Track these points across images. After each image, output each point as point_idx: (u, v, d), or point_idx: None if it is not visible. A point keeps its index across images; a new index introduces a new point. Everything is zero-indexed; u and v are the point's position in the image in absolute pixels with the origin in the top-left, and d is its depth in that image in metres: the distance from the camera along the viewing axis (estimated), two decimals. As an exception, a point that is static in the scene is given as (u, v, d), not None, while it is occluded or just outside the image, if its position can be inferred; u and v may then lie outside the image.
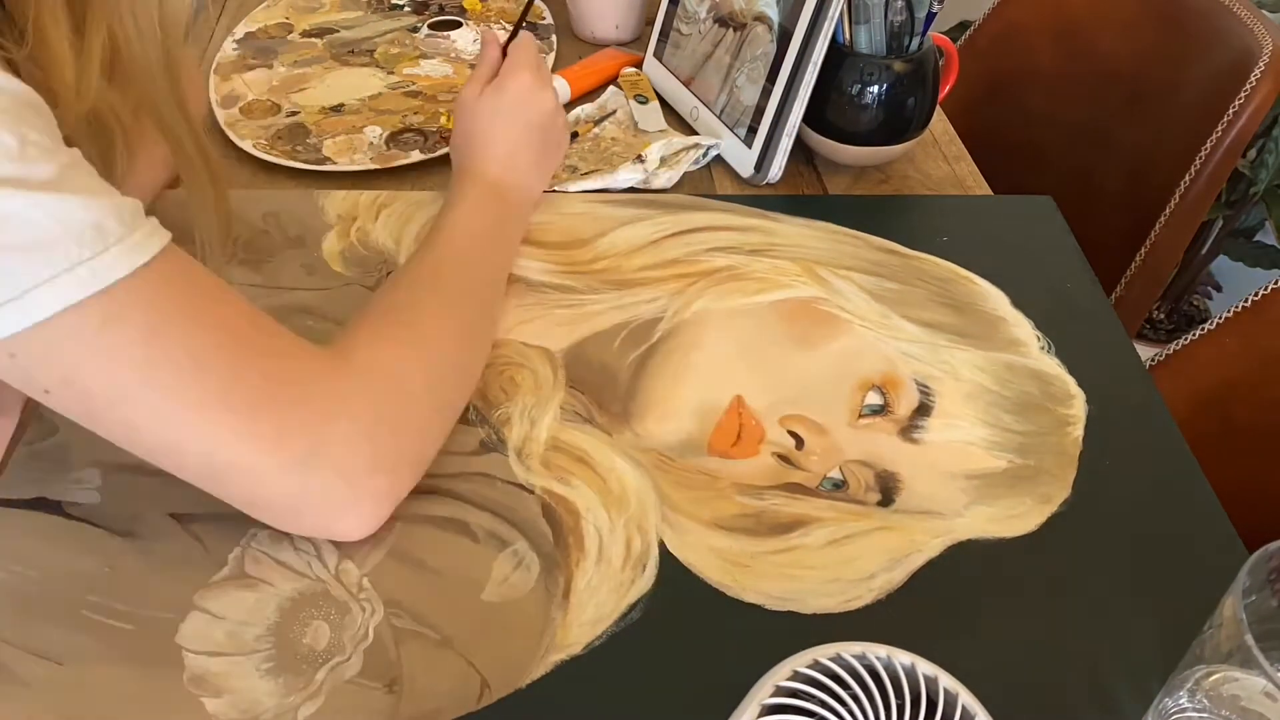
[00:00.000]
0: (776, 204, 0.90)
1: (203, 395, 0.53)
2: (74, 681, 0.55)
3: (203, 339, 0.54)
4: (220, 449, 0.55)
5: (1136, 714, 0.55)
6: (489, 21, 1.15)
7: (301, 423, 0.56)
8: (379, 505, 0.61)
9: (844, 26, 0.90)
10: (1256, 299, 0.90)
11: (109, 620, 0.58)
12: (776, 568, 0.62)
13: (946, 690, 0.45)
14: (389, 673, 0.56)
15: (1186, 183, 1.12)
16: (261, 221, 0.84)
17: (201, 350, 0.53)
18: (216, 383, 0.54)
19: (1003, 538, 0.64)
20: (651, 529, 0.64)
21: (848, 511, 0.65)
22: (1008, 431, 0.70)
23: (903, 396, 0.72)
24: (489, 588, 0.60)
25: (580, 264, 0.82)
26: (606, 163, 0.92)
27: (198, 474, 0.57)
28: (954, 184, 0.96)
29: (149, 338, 0.52)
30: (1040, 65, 1.31)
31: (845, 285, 0.81)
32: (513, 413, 0.70)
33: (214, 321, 0.55)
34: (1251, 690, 0.48)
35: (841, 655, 0.46)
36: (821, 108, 0.92)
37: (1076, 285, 0.83)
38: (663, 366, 0.74)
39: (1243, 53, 1.10)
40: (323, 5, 1.16)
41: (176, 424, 0.54)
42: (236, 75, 1.03)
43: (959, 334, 0.77)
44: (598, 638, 0.58)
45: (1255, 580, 0.49)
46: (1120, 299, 1.19)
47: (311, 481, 0.57)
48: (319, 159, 0.92)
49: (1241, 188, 1.80)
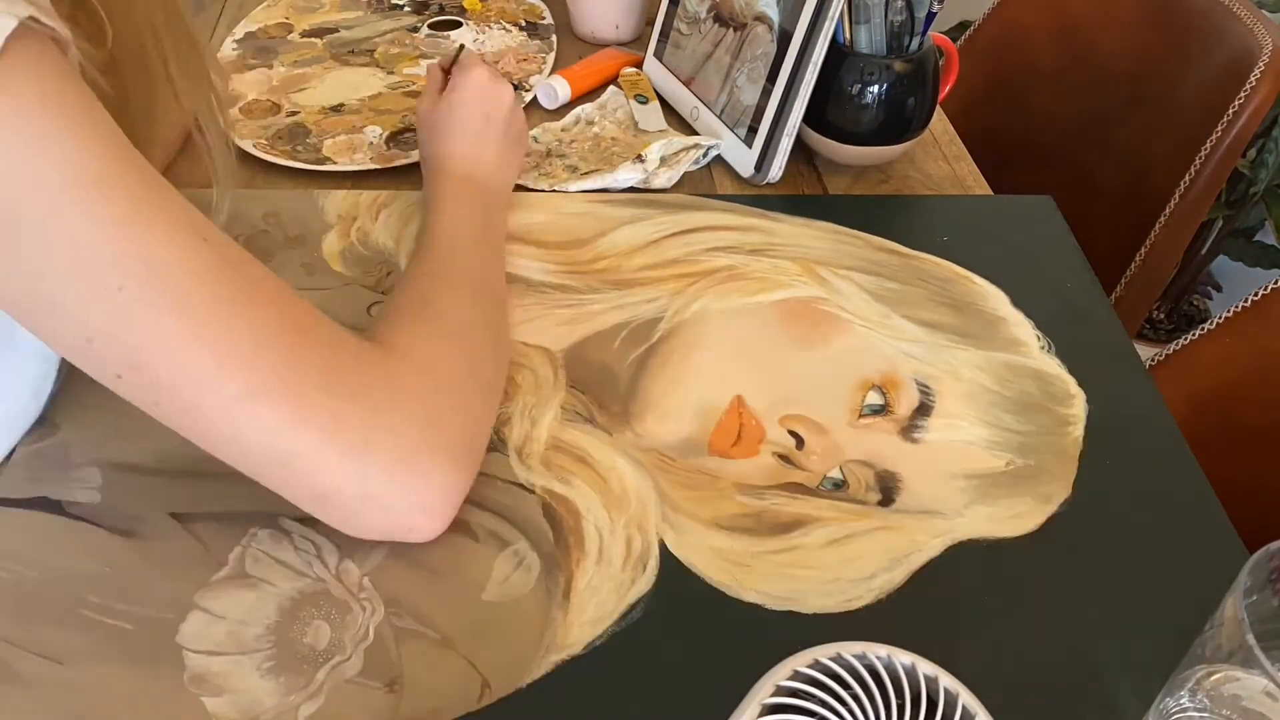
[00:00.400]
0: (776, 204, 0.90)
1: (263, 381, 0.54)
2: (74, 681, 0.55)
3: (265, 327, 0.55)
4: (280, 436, 0.55)
5: (1137, 714, 0.55)
6: (489, 22, 1.15)
7: (359, 411, 0.57)
8: (445, 496, 0.60)
9: (844, 26, 0.90)
10: (1256, 299, 0.90)
11: (109, 620, 0.58)
12: (777, 567, 0.62)
13: (947, 690, 0.45)
14: (389, 672, 0.56)
15: (1186, 183, 1.12)
16: (262, 221, 0.84)
17: (263, 338, 0.54)
18: (277, 369, 0.54)
19: (1003, 538, 0.64)
20: (652, 529, 0.64)
21: (848, 511, 0.65)
22: (1008, 431, 0.70)
23: (903, 396, 0.72)
24: (489, 587, 0.60)
25: (580, 264, 0.82)
26: (606, 163, 0.92)
27: (262, 465, 0.57)
28: (954, 184, 0.96)
29: (213, 323, 0.53)
30: (1040, 65, 1.31)
31: (845, 285, 0.81)
32: (513, 412, 0.70)
33: (277, 311, 0.56)
34: (1252, 690, 0.48)
35: (842, 655, 0.46)
36: (821, 108, 0.92)
37: (1077, 285, 0.83)
38: (663, 366, 0.74)
39: (1243, 53, 1.10)
40: (323, 5, 1.16)
41: (237, 411, 0.54)
42: (236, 75, 1.03)
43: (959, 334, 0.77)
44: (598, 637, 0.58)
45: (1256, 580, 0.49)
46: (1120, 299, 1.19)
47: (371, 472, 0.57)
48: (319, 159, 0.92)
49: (1241, 188, 1.80)
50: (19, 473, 0.65)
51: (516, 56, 1.09)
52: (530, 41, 1.12)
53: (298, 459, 0.56)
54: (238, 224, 0.83)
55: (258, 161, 0.92)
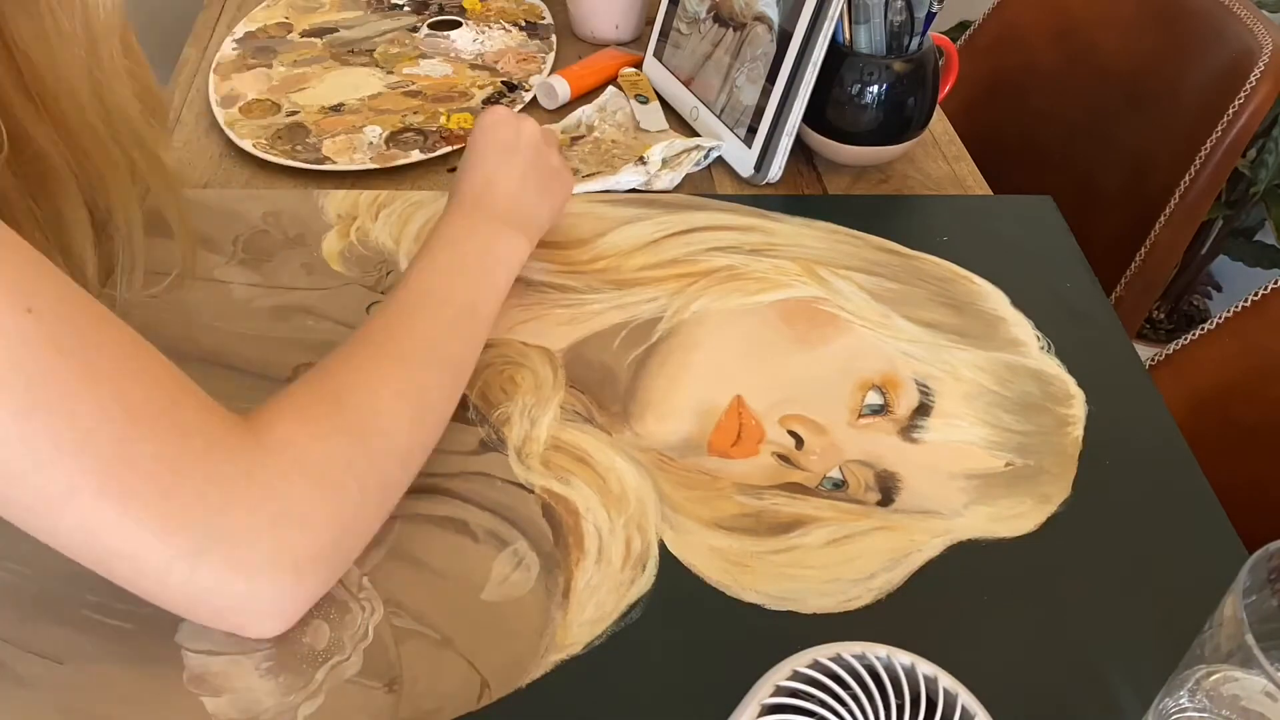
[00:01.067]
0: (776, 204, 0.90)
1: (88, 478, 0.48)
2: (74, 680, 0.55)
3: (93, 417, 0.48)
4: (98, 538, 0.49)
5: (1136, 714, 0.55)
6: (489, 21, 1.15)
7: (192, 512, 0.50)
8: (284, 604, 0.55)
9: (844, 26, 0.90)
10: (1256, 299, 0.90)
11: (109, 619, 0.58)
12: (776, 567, 0.62)
13: (946, 690, 0.45)
14: (389, 672, 0.56)
15: (1186, 183, 1.12)
16: (261, 221, 0.84)
17: (88, 430, 0.48)
18: (104, 466, 0.48)
19: (1002, 537, 0.64)
20: (651, 528, 0.64)
21: (847, 511, 0.65)
22: (1007, 431, 0.70)
23: (903, 396, 0.72)
24: (489, 587, 0.60)
25: (580, 263, 0.82)
26: (608, 165, 0.92)
27: (82, 558, 0.51)
28: (954, 184, 0.96)
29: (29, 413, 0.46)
30: (1040, 65, 1.31)
31: (845, 285, 0.81)
32: (513, 412, 0.70)
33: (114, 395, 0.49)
34: (1252, 690, 0.48)
35: (841, 655, 0.46)
36: (821, 108, 0.92)
37: (1076, 285, 0.83)
38: (662, 366, 0.74)
39: (1243, 53, 1.10)
40: (322, 5, 1.16)
41: (51, 510, 0.48)
42: (236, 75, 1.03)
43: (959, 334, 0.77)
44: (598, 637, 0.58)
45: (1256, 580, 0.49)
46: (1120, 299, 1.19)
47: (201, 576, 0.51)
48: (319, 159, 0.92)
49: (1241, 188, 1.80)
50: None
51: (516, 56, 1.09)
52: (530, 41, 1.12)
53: (121, 560, 0.50)
54: (237, 224, 0.83)
55: (257, 161, 0.92)
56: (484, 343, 0.69)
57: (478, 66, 1.07)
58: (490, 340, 0.73)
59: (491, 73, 1.06)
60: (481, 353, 0.69)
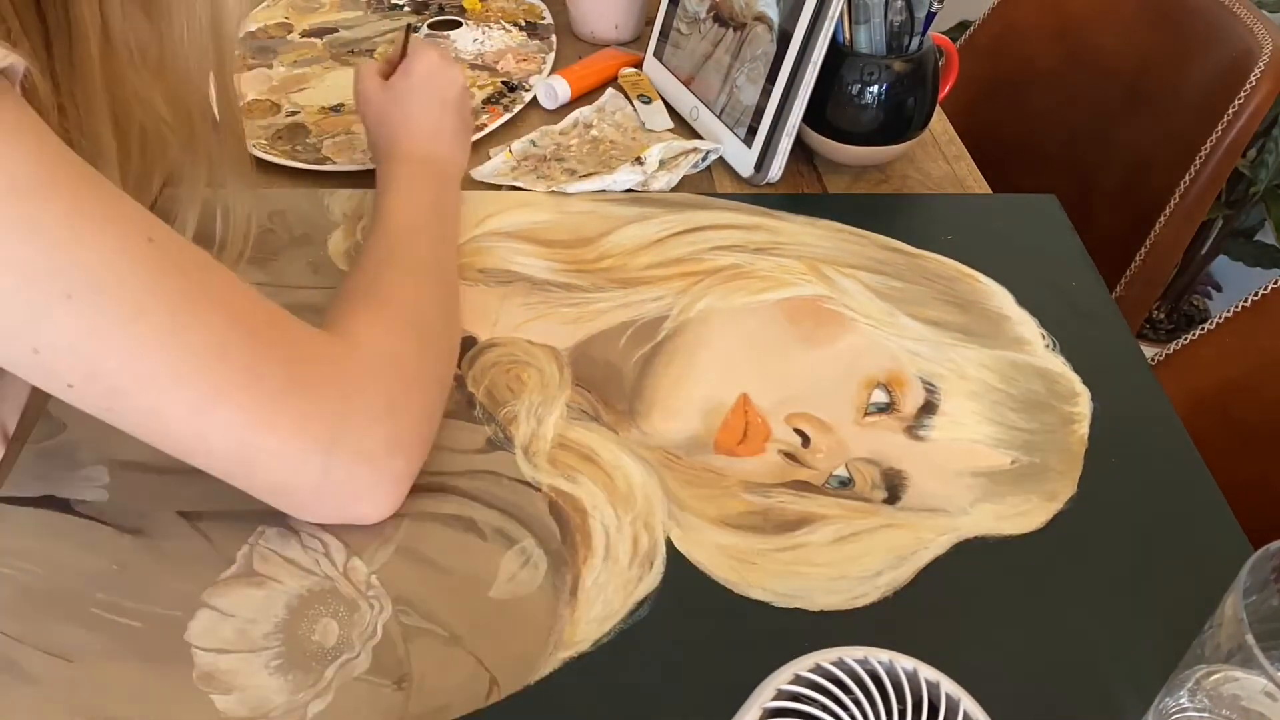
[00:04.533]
0: (778, 203, 0.90)
1: (226, 384, 0.54)
2: (83, 679, 0.55)
3: (223, 328, 0.54)
4: (247, 438, 0.55)
5: (1136, 714, 0.55)
6: (489, 21, 1.15)
7: (323, 408, 0.57)
8: (397, 486, 0.62)
9: (844, 26, 0.90)
10: (1256, 299, 0.90)
11: (118, 618, 0.58)
12: (783, 565, 0.62)
13: (948, 696, 0.45)
14: (398, 670, 0.56)
15: (1186, 182, 1.13)
16: (268, 220, 0.84)
17: (223, 340, 0.54)
18: (239, 372, 0.54)
19: (1008, 535, 0.64)
20: (658, 526, 0.64)
21: (854, 509, 0.65)
22: (1013, 429, 0.71)
23: (908, 394, 0.73)
24: (497, 585, 0.60)
25: (585, 262, 0.82)
26: (605, 165, 0.92)
27: (224, 464, 0.57)
28: (954, 183, 0.96)
29: (173, 328, 0.52)
30: (1040, 65, 1.31)
31: (850, 284, 0.81)
32: (519, 411, 0.70)
33: (232, 310, 0.55)
34: (1252, 690, 0.48)
35: (844, 659, 0.46)
36: (821, 107, 0.92)
37: (1080, 283, 0.83)
38: (668, 365, 0.74)
39: (1243, 53, 1.10)
40: (322, 5, 1.16)
41: (202, 415, 0.54)
42: (236, 75, 1.03)
43: (964, 332, 0.77)
44: (605, 635, 0.58)
45: (1256, 579, 0.49)
46: (1120, 299, 1.19)
47: (335, 465, 0.58)
48: (318, 159, 0.92)
49: (1241, 188, 1.80)
50: (27, 471, 0.65)
51: (516, 56, 1.09)
52: (530, 41, 1.12)
53: (261, 456, 0.56)
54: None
55: (257, 161, 0.92)
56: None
57: (478, 66, 1.07)
58: (496, 339, 0.74)
59: (491, 73, 1.06)
60: (488, 351, 0.73)
